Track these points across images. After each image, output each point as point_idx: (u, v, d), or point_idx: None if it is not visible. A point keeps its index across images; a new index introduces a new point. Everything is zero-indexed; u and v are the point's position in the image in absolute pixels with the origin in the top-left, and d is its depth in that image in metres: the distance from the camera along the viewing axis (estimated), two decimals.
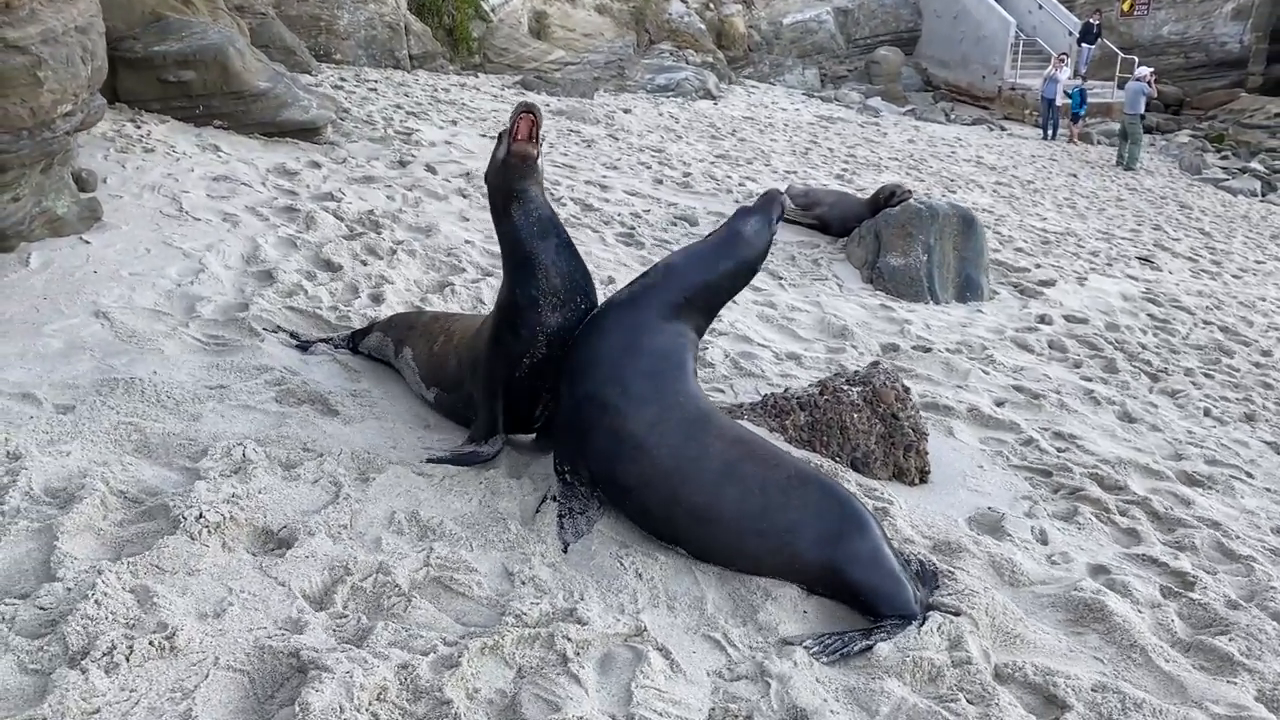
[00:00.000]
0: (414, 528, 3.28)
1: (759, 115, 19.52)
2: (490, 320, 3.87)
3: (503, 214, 3.72)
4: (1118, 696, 3.00)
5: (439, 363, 4.16)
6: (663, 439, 3.36)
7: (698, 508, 3.30)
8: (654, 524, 3.41)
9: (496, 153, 3.69)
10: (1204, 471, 5.28)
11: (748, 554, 3.30)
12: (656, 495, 3.35)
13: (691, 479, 3.32)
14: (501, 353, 3.70)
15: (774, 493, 3.30)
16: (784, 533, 3.27)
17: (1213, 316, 9.21)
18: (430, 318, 4.57)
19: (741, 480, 3.31)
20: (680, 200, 10.17)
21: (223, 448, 3.44)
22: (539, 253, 3.66)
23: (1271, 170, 25.57)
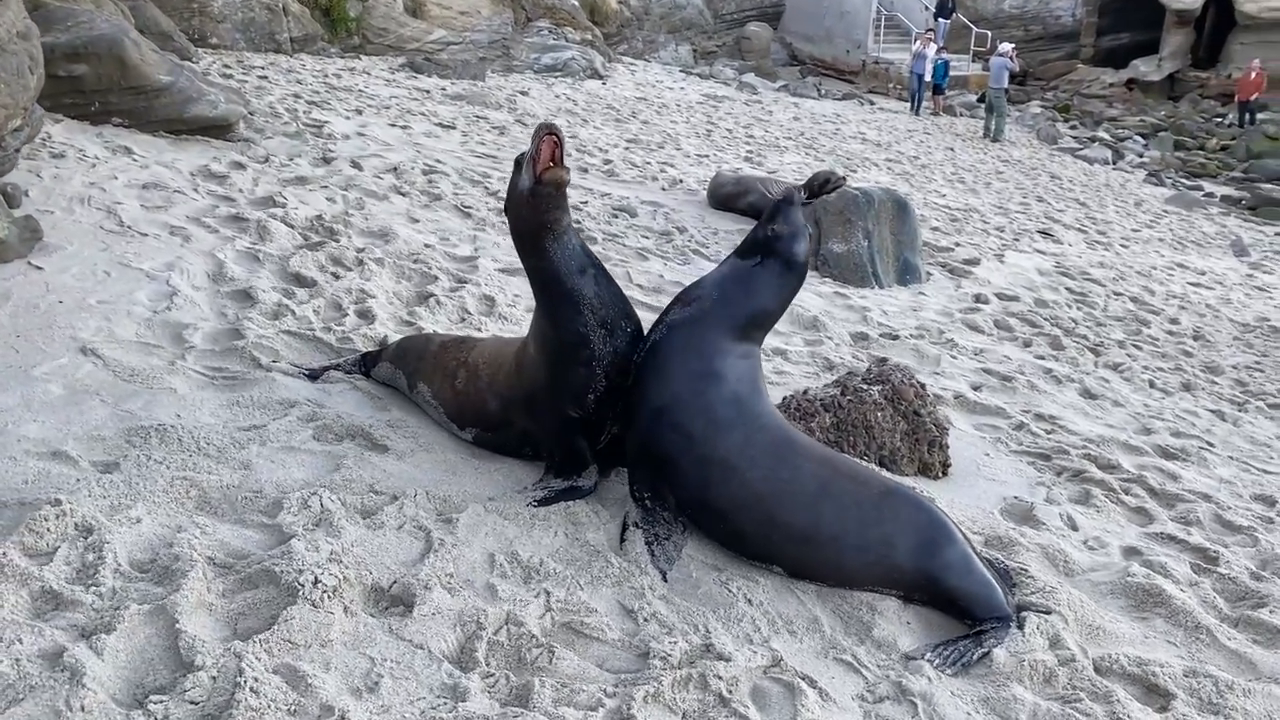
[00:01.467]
0: (517, 569, 3.17)
1: (650, 95, 19.52)
2: (537, 358, 3.67)
3: (534, 250, 3.53)
4: (1210, 680, 3.20)
5: (472, 403, 3.94)
6: (755, 462, 3.36)
7: (796, 528, 3.33)
8: (748, 546, 3.41)
9: (518, 182, 3.44)
10: (1175, 444, 5.65)
11: (847, 569, 3.35)
12: (752, 518, 3.36)
13: (788, 500, 3.34)
14: (565, 393, 3.58)
15: (868, 508, 3.36)
16: (881, 546, 3.33)
17: (1120, 287, 9.83)
18: (439, 347, 4.28)
19: (836, 498, 3.36)
20: (611, 190, 10.09)
21: (297, 500, 3.23)
22: (581, 288, 3.51)
23: (1118, 139, 27.36)
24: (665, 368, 3.51)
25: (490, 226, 7.77)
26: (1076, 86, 38.64)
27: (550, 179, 3.35)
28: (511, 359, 3.85)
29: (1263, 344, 8.76)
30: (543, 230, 3.47)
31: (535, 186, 3.38)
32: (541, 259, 3.54)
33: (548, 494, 3.59)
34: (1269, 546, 4.41)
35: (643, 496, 3.52)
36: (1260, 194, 20.59)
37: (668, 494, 3.50)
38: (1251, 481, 5.29)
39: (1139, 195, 18.08)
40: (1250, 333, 9.14)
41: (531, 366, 3.69)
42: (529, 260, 3.62)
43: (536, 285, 3.64)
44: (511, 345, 4.00)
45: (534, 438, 3.81)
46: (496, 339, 4.51)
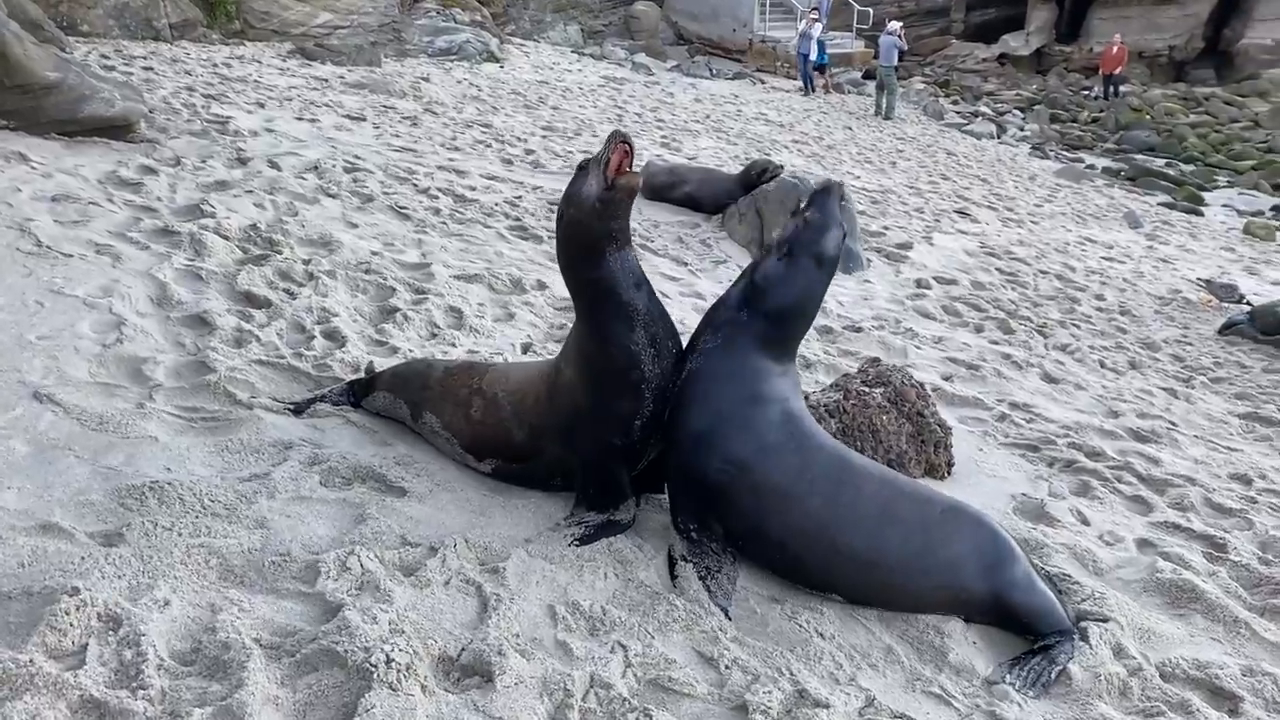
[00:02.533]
0: (581, 621, 2.97)
1: (551, 79, 19.14)
2: (577, 382, 3.43)
3: (593, 260, 3.30)
4: (1269, 679, 3.24)
5: (493, 434, 3.68)
6: (813, 488, 3.24)
7: (860, 553, 3.22)
8: (808, 574, 3.30)
9: (584, 189, 3.26)
10: (1145, 427, 5.81)
11: (912, 593, 3.27)
12: (814, 545, 3.24)
13: (849, 525, 3.23)
14: (610, 419, 3.38)
15: (933, 529, 3.28)
16: (948, 569, 3.26)
17: (1044, 265, 10.12)
18: (444, 374, 3.98)
19: (900, 521, 3.26)
20: (543, 183, 9.80)
21: (334, 562, 2.94)
22: (636, 304, 3.33)
23: (998, 113, 28.36)
24: (707, 395, 3.33)
25: (431, 228, 7.41)
26: (952, 62, 39.89)
27: (625, 184, 3.17)
28: (540, 384, 3.60)
29: (1182, 316, 9.15)
30: (607, 240, 3.26)
31: (607, 193, 3.16)
32: (600, 270, 3.29)
33: (586, 531, 3.38)
34: (1264, 528, 4.55)
35: (688, 528, 3.35)
36: (1136, 165, 21.68)
37: (715, 525, 3.35)
38: (1223, 460, 5.47)
39: (1030, 169, 18.75)
40: (1168, 305, 9.53)
41: (569, 391, 3.45)
42: (586, 272, 3.33)
43: (587, 299, 3.37)
44: (534, 370, 3.77)
45: (565, 468, 3.58)
46: (509, 364, 4.24)
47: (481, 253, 7.05)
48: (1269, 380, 7.25)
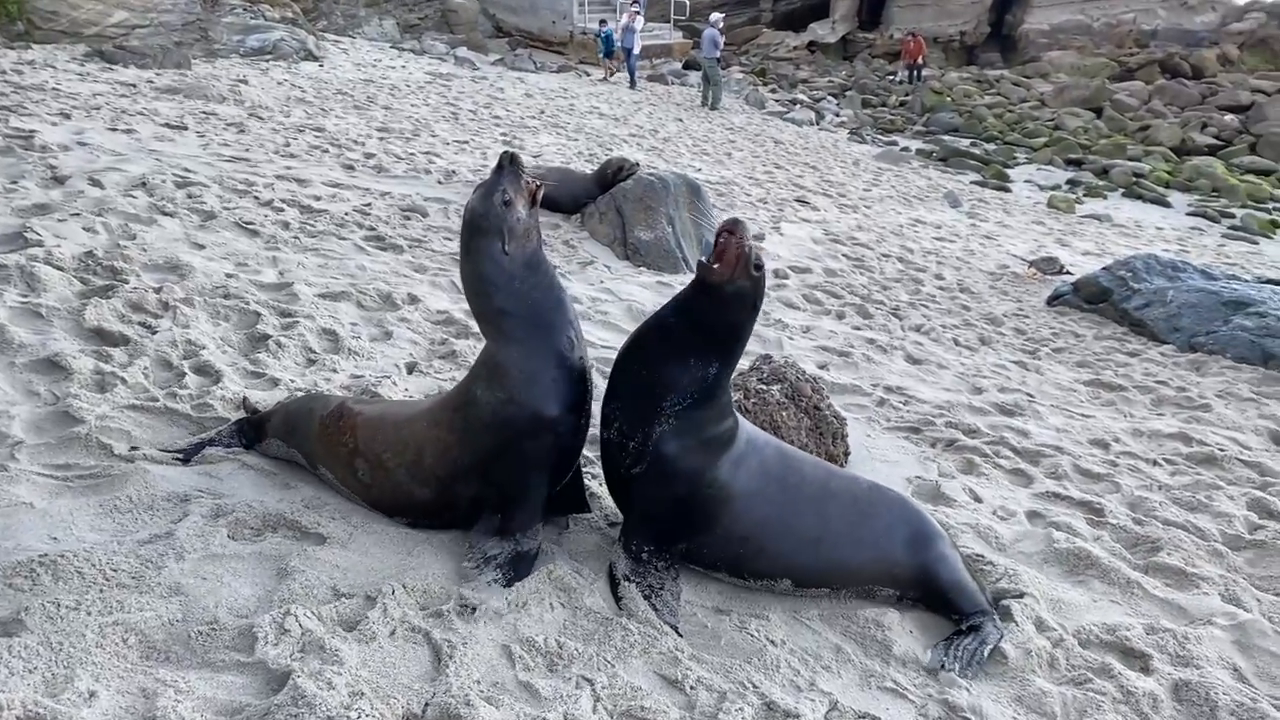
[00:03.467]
0: (539, 658, 2.88)
1: (375, 77, 18.49)
2: (500, 413, 3.24)
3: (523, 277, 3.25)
4: (1168, 634, 3.52)
5: (390, 497, 3.47)
6: (768, 481, 3.34)
7: (809, 530, 3.35)
8: (767, 561, 3.35)
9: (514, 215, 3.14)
10: (1008, 401, 6.18)
11: (853, 566, 3.40)
12: (772, 531, 3.32)
13: (800, 506, 3.36)
14: (550, 439, 3.28)
15: (863, 503, 3.47)
16: (881, 540, 3.42)
17: (885, 249, 10.59)
18: (320, 426, 3.66)
19: (836, 496, 3.44)
20: (390, 188, 9.45)
21: (270, 625, 2.73)
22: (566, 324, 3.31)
23: (814, 100, 29.49)
24: (650, 418, 3.24)
25: (283, 244, 7.01)
26: (765, 50, 41.25)
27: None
28: (438, 431, 3.35)
29: (1014, 291, 9.79)
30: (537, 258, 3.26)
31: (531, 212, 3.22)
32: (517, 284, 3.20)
33: (498, 573, 3.20)
34: (1129, 490, 4.93)
35: (641, 549, 3.31)
36: (945, 145, 23.04)
37: (679, 543, 3.35)
38: (1080, 427, 5.89)
39: (852, 154, 19.60)
40: (1000, 281, 10.18)
41: (482, 428, 3.26)
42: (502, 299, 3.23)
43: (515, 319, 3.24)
44: (420, 419, 3.45)
45: (484, 503, 3.38)
46: (380, 410, 3.72)
47: (342, 267, 6.73)
48: (1101, 347, 7.87)
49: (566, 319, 3.30)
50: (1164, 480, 5.17)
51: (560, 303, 3.32)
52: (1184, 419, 6.27)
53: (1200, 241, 16.03)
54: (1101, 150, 24.85)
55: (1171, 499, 4.88)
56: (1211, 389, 6.89)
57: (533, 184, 3.25)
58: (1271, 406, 6.64)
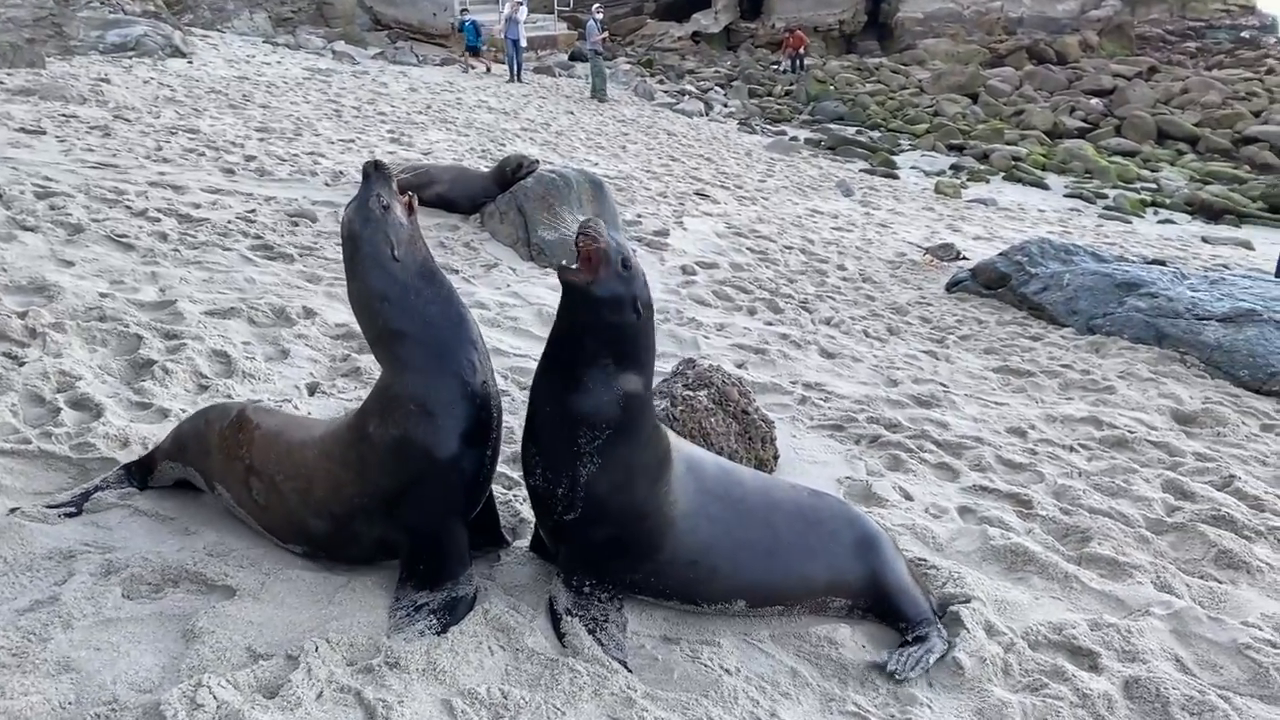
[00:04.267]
0: (484, 711, 2.65)
1: (250, 74, 17.64)
2: (402, 446, 2.97)
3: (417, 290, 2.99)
4: (1112, 629, 3.51)
5: (285, 522, 3.19)
6: (709, 500, 3.16)
7: (759, 544, 3.20)
8: (720, 583, 3.17)
9: (394, 222, 2.91)
10: (923, 392, 6.19)
11: (806, 578, 3.26)
12: (721, 551, 3.15)
13: (746, 521, 3.20)
14: (459, 476, 3.02)
15: (809, 511, 3.33)
16: (830, 547, 3.29)
17: (787, 241, 10.61)
18: (218, 438, 3.37)
19: (781, 506, 3.30)
20: (275, 192, 8.96)
21: (179, 700, 2.43)
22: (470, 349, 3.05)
23: (702, 90, 29.59)
24: (586, 463, 2.98)
25: (162, 258, 6.53)
26: (651, 41, 41.26)
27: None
28: (332, 463, 3.06)
29: (914, 279, 9.92)
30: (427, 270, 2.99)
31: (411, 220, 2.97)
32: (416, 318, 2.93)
33: (433, 620, 2.93)
34: (1052, 479, 4.97)
35: (583, 582, 3.11)
36: (833, 134, 23.40)
37: (621, 574, 3.14)
38: (996, 416, 5.94)
39: (744, 145, 19.70)
40: (899, 269, 10.31)
41: (377, 467, 2.97)
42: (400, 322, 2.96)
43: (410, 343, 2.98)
44: (315, 444, 3.15)
45: (389, 545, 3.11)
46: (279, 425, 3.39)
47: (229, 281, 6.29)
48: (1005, 333, 8.01)
49: (468, 338, 3.03)
50: (1082, 466, 5.23)
51: (461, 320, 3.05)
52: (1091, 402, 6.41)
53: (1079, 222, 16.67)
54: (980, 135, 25.68)
55: (1093, 485, 4.94)
56: (1113, 370, 7.08)
57: (407, 195, 3.02)
58: (1169, 385, 6.85)
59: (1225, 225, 18.63)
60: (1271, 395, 6.96)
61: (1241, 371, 7.07)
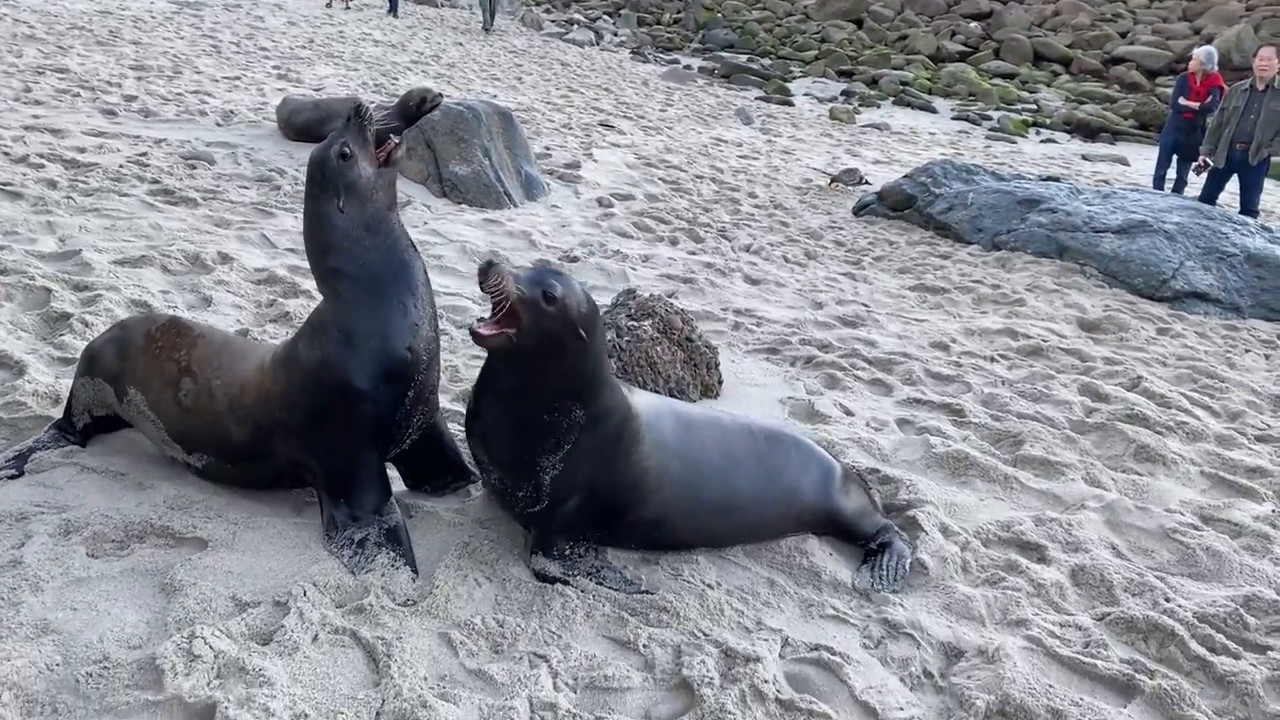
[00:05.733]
0: (482, 641, 2.68)
1: (113, 7, 16.49)
2: (325, 375, 2.98)
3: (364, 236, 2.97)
4: (1055, 524, 3.74)
5: (205, 427, 3.14)
6: (670, 457, 3.13)
7: (719, 499, 3.22)
8: (679, 537, 3.23)
9: (357, 170, 2.93)
10: (848, 313, 6.36)
11: (767, 523, 3.35)
12: (682, 507, 3.17)
13: (706, 477, 3.20)
14: (374, 408, 3.00)
15: (767, 460, 3.35)
16: (790, 493, 3.37)
17: (697, 170, 10.62)
18: (145, 339, 3.32)
19: (740, 460, 3.29)
20: (166, 134, 8.48)
21: (173, 653, 2.37)
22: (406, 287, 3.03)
23: (591, 19, 29.05)
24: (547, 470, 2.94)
25: (55, 206, 6.14)
26: None
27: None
28: (265, 377, 3.09)
29: (823, 204, 10.09)
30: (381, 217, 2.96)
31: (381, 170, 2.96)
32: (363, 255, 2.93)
33: (362, 555, 2.92)
34: (979, 388, 5.20)
35: (563, 548, 3.08)
36: (726, 62, 23.34)
37: (591, 533, 3.13)
38: (918, 332, 6.16)
39: (640, 74, 19.50)
40: (807, 195, 10.46)
41: (299, 386, 3.00)
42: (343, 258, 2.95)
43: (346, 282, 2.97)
44: (254, 357, 3.20)
45: (296, 472, 3.14)
46: (224, 338, 3.42)
47: (134, 228, 5.97)
48: (916, 252, 8.25)
49: (408, 284, 3.02)
50: (1005, 375, 5.49)
51: (403, 269, 3.02)
52: (1004, 314, 6.69)
53: (969, 144, 17.16)
54: (868, 60, 26.02)
55: (1017, 392, 5.19)
56: (1021, 284, 7.39)
57: (392, 142, 2.96)
58: (1073, 295, 7.20)
59: (1101, 143, 19.46)
60: (1164, 301, 7.40)
61: (1136, 280, 7.48)
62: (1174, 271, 7.50)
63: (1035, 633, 3.04)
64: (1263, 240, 8.01)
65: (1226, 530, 3.91)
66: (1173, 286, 7.41)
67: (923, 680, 2.81)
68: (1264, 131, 9.42)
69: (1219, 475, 4.47)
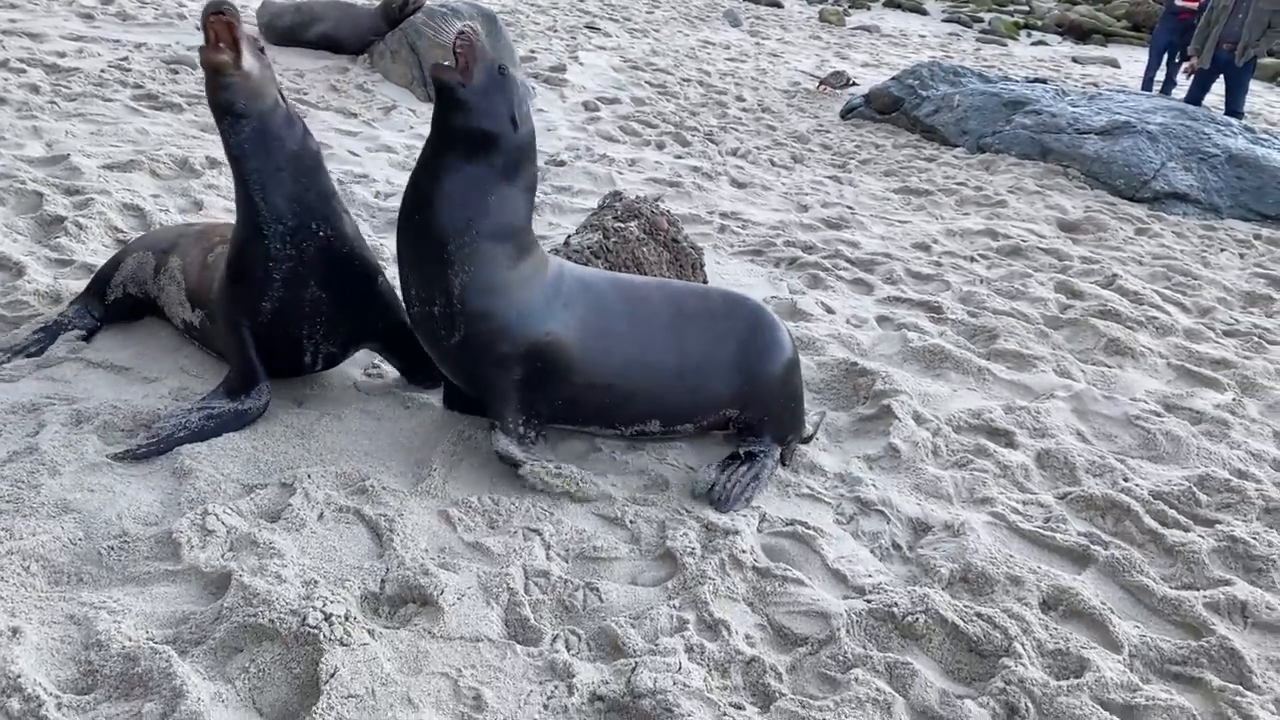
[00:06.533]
0: (478, 517, 2.85)
1: None
2: (229, 249, 3.20)
3: (223, 131, 3.02)
4: (1024, 411, 3.92)
5: (209, 284, 3.35)
6: (614, 319, 3.12)
7: (670, 366, 3.18)
8: (635, 404, 3.18)
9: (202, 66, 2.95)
10: (833, 215, 6.44)
11: (716, 392, 3.25)
12: (634, 371, 3.14)
13: (656, 339, 3.16)
14: (236, 295, 3.16)
15: (720, 320, 3.27)
16: (738, 358, 3.26)
17: (684, 74, 10.53)
18: (200, 231, 3.64)
19: (693, 319, 3.24)
20: (146, 39, 8.36)
21: (189, 528, 2.53)
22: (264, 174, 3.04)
23: None
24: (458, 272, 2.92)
25: (40, 110, 6.12)
26: None
27: (204, 60, 2.86)
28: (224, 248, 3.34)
29: (810, 108, 10.05)
30: (223, 113, 2.96)
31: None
32: (228, 142, 3.00)
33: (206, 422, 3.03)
34: (958, 286, 5.33)
35: (517, 425, 3.09)
36: None
37: (541, 406, 3.13)
38: (901, 233, 6.25)
39: None
40: (795, 98, 10.40)
41: (224, 257, 3.23)
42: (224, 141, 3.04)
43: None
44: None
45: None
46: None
47: (120, 133, 5.97)
48: (902, 155, 8.28)
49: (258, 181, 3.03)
50: (984, 274, 5.62)
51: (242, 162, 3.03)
52: (986, 216, 6.78)
53: (959, 46, 16.94)
54: None
55: (994, 290, 5.33)
56: (1004, 185, 7.46)
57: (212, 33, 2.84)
58: (1054, 197, 7.28)
59: (1093, 45, 19.21)
60: (1143, 201, 7.49)
61: (1118, 180, 7.55)
62: (1155, 173, 7.57)
63: (999, 509, 3.24)
64: (1245, 141, 8.07)
65: (1187, 417, 4.10)
66: (1153, 187, 7.49)
67: (891, 552, 3.00)
68: (1251, 31, 9.38)
69: (1185, 367, 4.64)
